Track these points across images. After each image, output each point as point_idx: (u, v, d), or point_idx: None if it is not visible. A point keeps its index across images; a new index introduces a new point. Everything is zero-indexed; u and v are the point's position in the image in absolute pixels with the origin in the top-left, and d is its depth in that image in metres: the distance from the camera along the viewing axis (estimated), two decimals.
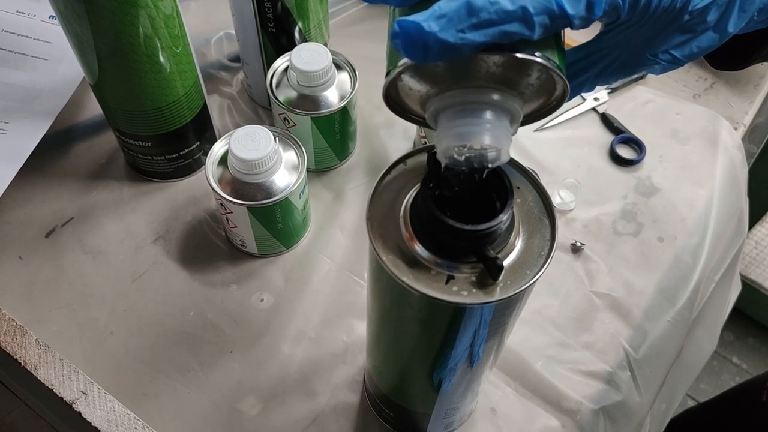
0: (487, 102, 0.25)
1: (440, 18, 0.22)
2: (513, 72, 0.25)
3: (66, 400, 0.39)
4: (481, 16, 0.22)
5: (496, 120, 0.26)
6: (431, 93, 0.26)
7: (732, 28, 0.27)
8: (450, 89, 0.26)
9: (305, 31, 0.57)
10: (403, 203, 0.30)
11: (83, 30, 0.45)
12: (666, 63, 0.29)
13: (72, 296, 0.52)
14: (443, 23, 0.22)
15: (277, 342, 0.50)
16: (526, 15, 0.22)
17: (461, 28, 0.22)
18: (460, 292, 0.28)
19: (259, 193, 0.49)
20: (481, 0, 0.22)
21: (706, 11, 0.26)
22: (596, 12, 0.23)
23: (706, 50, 0.28)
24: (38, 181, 0.57)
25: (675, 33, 0.27)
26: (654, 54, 0.29)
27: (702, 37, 0.28)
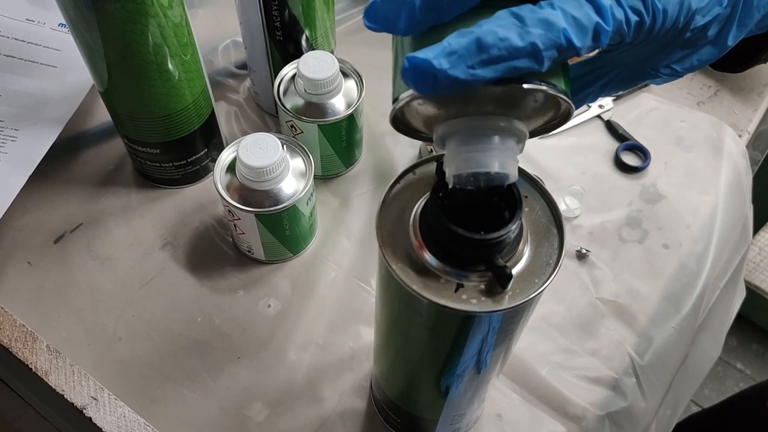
0: (494, 128, 0.26)
1: (450, 55, 0.22)
2: (519, 99, 0.25)
3: (77, 405, 0.39)
4: (491, 52, 0.22)
5: (503, 144, 0.26)
6: (438, 117, 0.27)
7: (731, 42, 0.28)
8: (457, 115, 0.26)
9: (312, 39, 0.58)
10: (413, 212, 0.31)
11: (94, 38, 0.45)
12: (667, 76, 0.29)
13: (80, 302, 0.52)
14: (453, 60, 0.22)
15: (284, 348, 0.50)
16: (536, 51, 0.22)
17: (471, 64, 0.22)
18: (469, 301, 0.28)
19: (267, 200, 0.49)
20: (491, 36, 0.22)
21: (707, 27, 0.27)
22: (603, 41, 0.24)
23: (705, 63, 0.29)
24: (47, 187, 0.58)
25: (676, 49, 0.28)
26: (655, 68, 0.29)
27: (702, 51, 0.28)
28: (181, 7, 0.47)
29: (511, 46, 0.22)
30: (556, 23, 0.22)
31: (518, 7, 0.23)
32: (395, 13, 0.24)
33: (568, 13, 0.23)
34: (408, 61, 0.22)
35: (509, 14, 0.23)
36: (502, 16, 0.23)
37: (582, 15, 0.23)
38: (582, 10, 0.23)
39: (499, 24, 0.22)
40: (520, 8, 0.23)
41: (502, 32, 0.22)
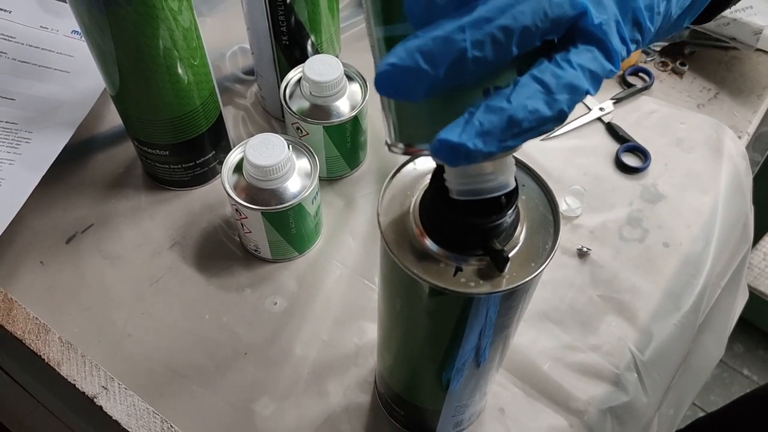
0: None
1: (484, 135, 0.22)
2: None
3: (88, 394, 0.40)
4: (522, 126, 0.22)
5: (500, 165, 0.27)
6: None
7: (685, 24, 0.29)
8: None
9: (317, 44, 0.59)
10: (413, 200, 0.32)
11: (106, 43, 0.47)
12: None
13: (91, 300, 0.53)
14: (487, 140, 0.22)
15: (290, 344, 0.51)
16: (562, 115, 0.23)
17: (503, 138, 0.22)
18: (467, 284, 0.29)
19: (273, 199, 0.50)
20: (521, 111, 0.22)
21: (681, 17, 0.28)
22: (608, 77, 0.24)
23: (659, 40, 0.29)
24: (59, 189, 0.59)
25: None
26: None
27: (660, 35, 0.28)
28: (191, 12, 0.49)
29: (542, 117, 0.22)
30: (580, 86, 0.23)
31: (540, 71, 0.23)
32: (414, 84, 0.22)
33: (586, 68, 0.23)
34: (440, 143, 0.22)
35: (533, 81, 0.23)
36: (526, 84, 0.22)
37: (597, 67, 0.23)
38: (597, 61, 0.23)
39: (526, 96, 0.22)
40: (542, 72, 0.23)
41: (531, 104, 0.22)
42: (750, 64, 0.72)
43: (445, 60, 0.22)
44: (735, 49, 0.71)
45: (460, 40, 0.22)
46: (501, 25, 0.22)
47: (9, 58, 0.60)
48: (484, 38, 0.22)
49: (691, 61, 0.72)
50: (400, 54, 0.22)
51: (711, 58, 0.72)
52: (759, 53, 0.72)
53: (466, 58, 0.22)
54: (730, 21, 0.67)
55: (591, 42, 0.23)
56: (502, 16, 0.22)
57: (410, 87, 0.22)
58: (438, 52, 0.22)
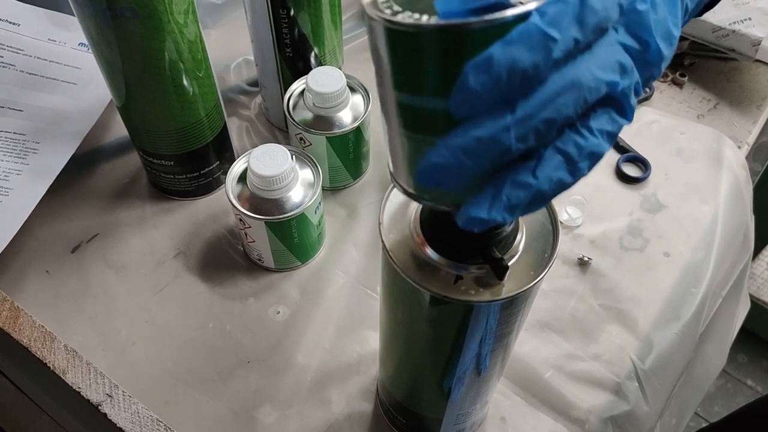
0: None
1: (511, 209, 0.23)
2: None
3: (93, 402, 0.41)
4: (546, 197, 0.23)
5: None
6: None
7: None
8: None
9: (320, 56, 0.60)
10: (414, 209, 0.32)
11: (113, 55, 0.48)
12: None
13: (96, 308, 0.54)
14: (515, 213, 0.23)
15: (293, 352, 0.52)
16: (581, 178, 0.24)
17: (528, 210, 0.23)
18: (468, 291, 0.30)
19: (277, 209, 0.51)
20: (547, 184, 0.23)
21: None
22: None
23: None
24: (65, 199, 0.60)
25: None
26: None
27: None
28: (196, 25, 0.49)
29: (564, 184, 0.23)
30: (601, 151, 0.23)
31: (563, 142, 0.23)
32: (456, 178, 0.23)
33: (604, 131, 0.23)
34: (469, 219, 0.23)
35: (557, 152, 0.23)
36: (550, 158, 0.23)
37: (615, 127, 0.24)
38: (615, 123, 0.24)
39: (552, 168, 0.23)
40: (565, 144, 0.23)
41: (556, 176, 0.23)
42: (749, 75, 0.72)
43: (489, 158, 0.22)
44: (734, 60, 0.71)
45: (506, 139, 0.22)
46: (544, 119, 0.22)
47: (17, 70, 0.61)
48: (528, 133, 0.22)
49: (690, 72, 0.72)
50: (443, 154, 0.22)
51: (710, 69, 0.73)
52: (758, 64, 0.72)
53: (511, 151, 0.22)
54: (729, 32, 0.68)
55: (609, 105, 0.24)
56: (546, 110, 0.22)
57: (453, 180, 0.23)
58: (483, 151, 0.22)
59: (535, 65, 0.21)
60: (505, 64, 0.21)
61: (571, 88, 0.22)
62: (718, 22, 0.68)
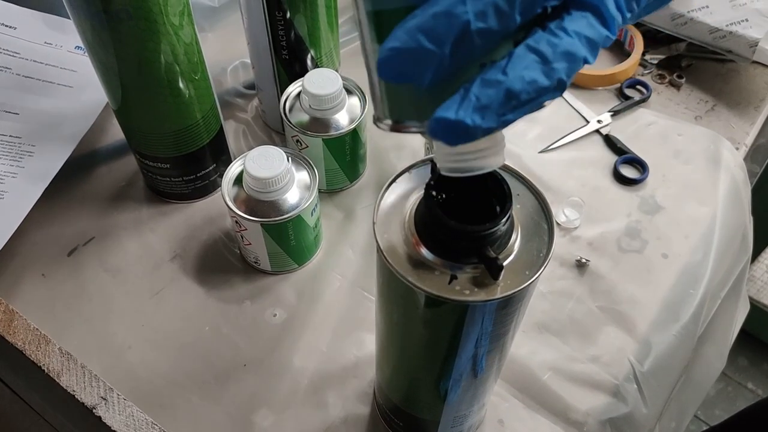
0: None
1: (482, 109, 0.21)
2: None
3: (87, 405, 0.41)
4: (520, 98, 0.22)
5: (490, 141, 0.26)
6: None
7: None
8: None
9: (317, 59, 0.60)
10: (409, 209, 0.32)
11: (109, 57, 0.48)
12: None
13: (92, 312, 0.54)
14: (486, 114, 0.21)
15: (289, 355, 0.52)
16: (561, 84, 0.22)
17: (502, 112, 0.22)
18: (462, 291, 0.29)
19: (273, 211, 0.51)
20: (518, 83, 0.21)
21: None
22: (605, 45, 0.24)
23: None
24: (61, 202, 0.60)
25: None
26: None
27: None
28: (191, 27, 0.49)
29: (540, 86, 0.22)
30: (577, 53, 0.22)
31: (535, 40, 0.22)
32: (420, 67, 0.21)
33: (582, 35, 0.22)
34: (437, 121, 0.22)
35: (529, 51, 0.22)
36: (522, 55, 0.22)
37: (594, 33, 0.23)
38: (593, 28, 0.23)
39: (523, 67, 0.22)
40: (538, 42, 0.22)
41: (529, 75, 0.21)
42: (747, 77, 0.72)
43: (449, 36, 0.21)
44: (731, 61, 0.71)
45: (462, 12, 0.21)
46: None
47: (13, 74, 0.60)
48: (486, 8, 0.21)
49: (688, 73, 0.72)
50: (401, 36, 0.21)
51: (708, 70, 0.73)
52: (755, 65, 0.72)
53: (470, 31, 0.21)
54: (726, 34, 0.68)
55: (585, 8, 0.23)
56: None
57: (416, 70, 0.21)
58: (441, 28, 0.21)
59: None
60: None
61: None
62: (715, 24, 0.68)
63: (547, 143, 0.65)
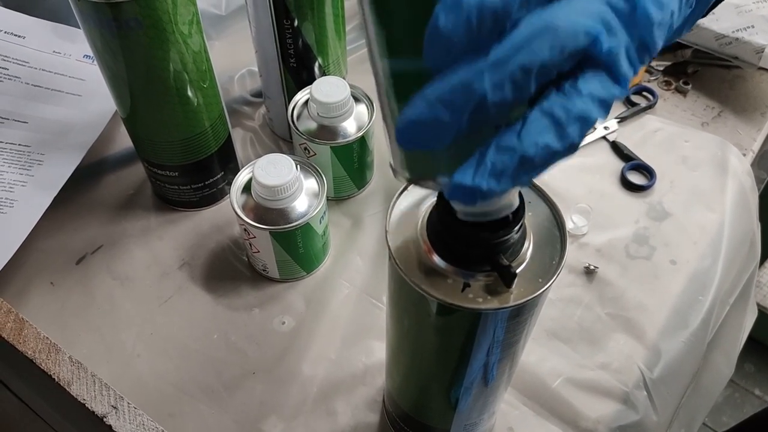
0: None
1: (497, 176, 0.22)
2: None
3: (98, 414, 0.41)
4: (534, 162, 0.22)
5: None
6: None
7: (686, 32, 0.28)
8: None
9: (324, 67, 0.60)
10: (421, 217, 0.32)
11: (118, 66, 0.48)
12: None
13: (101, 320, 0.54)
14: (501, 180, 0.22)
15: (298, 363, 0.52)
16: (573, 147, 0.22)
17: (516, 176, 0.22)
18: (475, 299, 0.29)
19: (281, 219, 0.51)
20: (533, 149, 0.22)
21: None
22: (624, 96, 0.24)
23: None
24: (70, 210, 0.60)
25: None
26: None
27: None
28: (200, 36, 0.50)
29: (554, 151, 0.22)
30: (590, 116, 0.22)
31: (549, 104, 0.22)
32: (438, 137, 0.22)
33: (596, 96, 0.22)
34: (455, 187, 0.22)
35: (543, 115, 0.22)
36: (536, 120, 0.22)
37: (606, 94, 0.23)
38: (606, 88, 0.23)
39: (537, 132, 0.22)
40: (552, 106, 0.22)
41: (542, 140, 0.22)
42: (753, 83, 0.72)
43: (467, 108, 0.21)
44: (738, 68, 0.71)
45: (479, 86, 0.21)
46: (519, 65, 0.21)
47: (23, 83, 0.61)
48: (504, 80, 0.21)
49: (694, 80, 0.72)
50: (420, 107, 0.22)
51: (714, 77, 0.73)
52: (762, 72, 0.72)
53: (488, 103, 0.21)
54: (732, 40, 0.68)
55: (599, 68, 0.23)
56: (519, 55, 0.21)
57: (434, 139, 0.22)
58: (458, 100, 0.21)
59: (505, 3, 0.20)
60: (474, 2, 0.20)
61: (546, 31, 0.21)
62: (721, 30, 0.68)
63: None
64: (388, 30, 0.23)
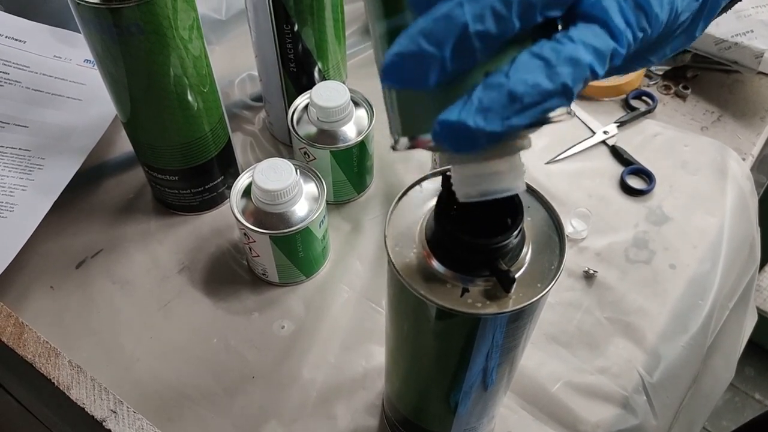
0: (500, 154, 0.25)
1: (485, 111, 0.22)
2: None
3: (97, 418, 0.41)
4: (524, 101, 0.22)
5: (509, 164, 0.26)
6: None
7: (699, 33, 0.28)
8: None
9: (324, 71, 0.60)
10: (420, 222, 0.32)
11: (118, 70, 0.48)
12: (639, 66, 0.29)
13: (100, 324, 0.54)
14: (489, 116, 0.22)
15: (298, 367, 0.52)
16: (566, 89, 0.22)
17: (506, 115, 0.22)
18: (474, 304, 0.29)
19: (281, 223, 0.51)
20: (521, 85, 0.22)
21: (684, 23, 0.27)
22: (616, 63, 0.24)
23: (676, 52, 0.29)
24: (70, 214, 0.60)
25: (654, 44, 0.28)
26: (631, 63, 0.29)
27: (674, 42, 0.28)
28: (200, 41, 0.50)
29: (543, 90, 0.22)
30: (582, 59, 0.22)
31: (539, 47, 0.22)
32: (422, 70, 0.22)
33: (589, 44, 0.22)
34: (440, 124, 0.22)
35: (532, 57, 0.22)
36: (525, 60, 0.22)
37: (601, 44, 0.23)
38: (600, 38, 0.23)
39: (526, 71, 0.22)
40: (541, 48, 0.22)
41: (531, 78, 0.22)
42: (752, 87, 0.72)
43: (448, 39, 0.21)
44: (737, 72, 0.71)
45: (460, 15, 0.21)
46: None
47: (23, 87, 0.61)
48: (484, 10, 0.21)
49: (693, 84, 0.72)
50: (402, 42, 0.22)
51: (713, 81, 0.73)
52: (761, 76, 0.72)
53: (469, 33, 0.21)
54: (731, 45, 0.68)
55: (591, 21, 0.23)
56: None
57: (419, 73, 0.22)
58: (440, 31, 0.21)
59: None
60: None
61: None
62: (720, 35, 0.68)
63: (554, 154, 0.65)
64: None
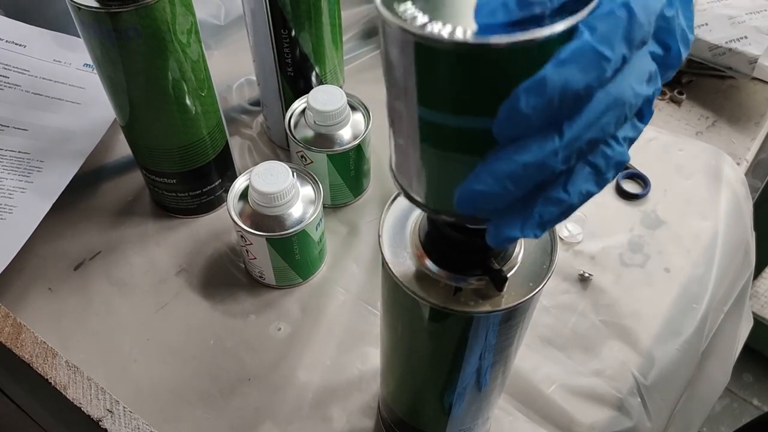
0: None
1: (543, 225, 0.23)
2: None
3: (93, 417, 0.41)
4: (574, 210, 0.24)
5: None
6: None
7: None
8: None
9: (321, 75, 0.61)
10: (413, 223, 0.33)
11: (117, 75, 0.48)
12: None
13: (98, 326, 0.54)
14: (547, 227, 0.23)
15: (294, 369, 0.52)
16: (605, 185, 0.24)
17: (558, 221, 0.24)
18: (467, 303, 0.30)
19: (278, 225, 0.51)
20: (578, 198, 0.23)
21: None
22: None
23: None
24: (69, 217, 0.60)
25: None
26: None
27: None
28: (199, 45, 0.50)
29: (591, 195, 0.24)
30: (625, 159, 0.24)
31: (594, 155, 0.23)
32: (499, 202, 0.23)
33: (628, 138, 0.24)
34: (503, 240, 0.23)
35: (587, 166, 0.23)
36: (581, 171, 0.23)
37: (636, 133, 0.24)
38: (636, 129, 0.24)
39: (582, 181, 0.23)
40: (595, 156, 0.23)
41: (585, 188, 0.23)
42: (747, 93, 0.73)
43: (534, 182, 0.22)
44: (732, 78, 0.72)
45: (554, 164, 0.22)
46: (588, 140, 0.22)
47: (23, 91, 0.61)
48: (572, 154, 0.22)
49: (688, 89, 0.73)
50: (487, 180, 0.22)
51: (708, 86, 0.73)
52: (755, 82, 0.73)
53: (555, 174, 0.22)
54: (725, 51, 0.68)
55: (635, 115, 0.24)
56: (591, 131, 0.21)
57: (492, 205, 0.23)
58: (530, 177, 0.22)
59: (588, 86, 0.20)
60: (558, 86, 0.20)
61: (615, 106, 0.22)
62: (714, 41, 0.69)
63: None
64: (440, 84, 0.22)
